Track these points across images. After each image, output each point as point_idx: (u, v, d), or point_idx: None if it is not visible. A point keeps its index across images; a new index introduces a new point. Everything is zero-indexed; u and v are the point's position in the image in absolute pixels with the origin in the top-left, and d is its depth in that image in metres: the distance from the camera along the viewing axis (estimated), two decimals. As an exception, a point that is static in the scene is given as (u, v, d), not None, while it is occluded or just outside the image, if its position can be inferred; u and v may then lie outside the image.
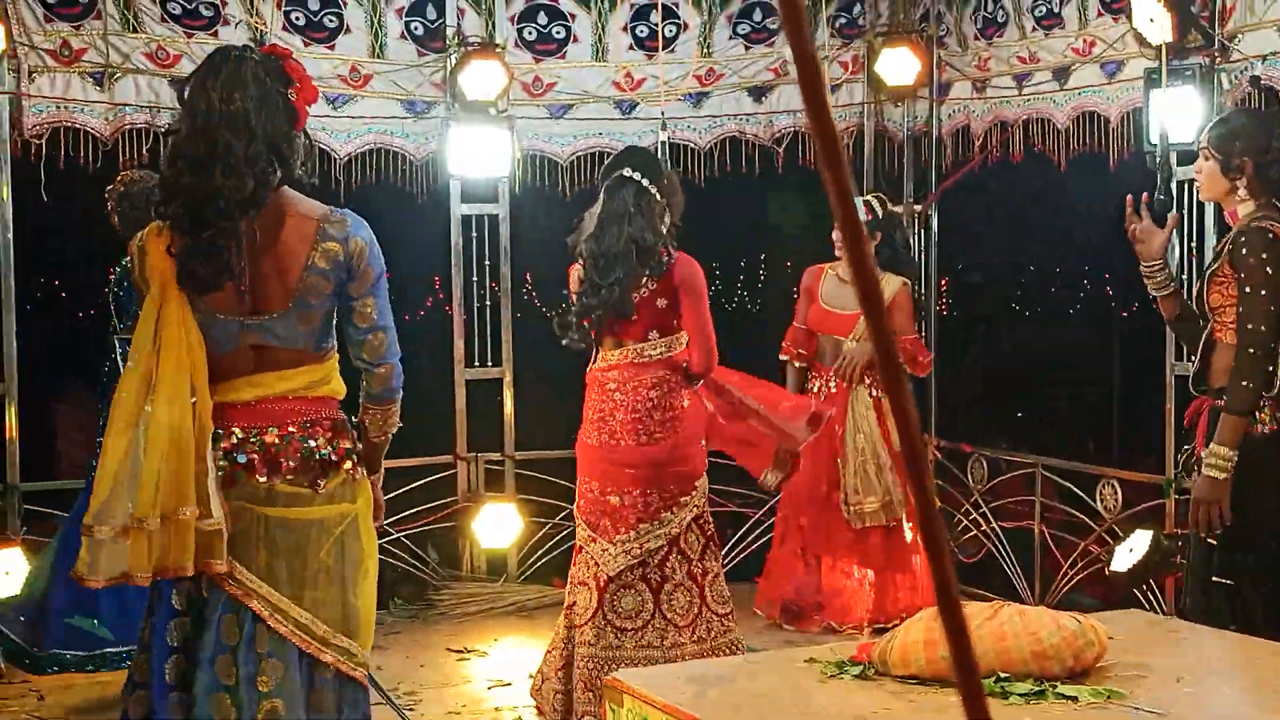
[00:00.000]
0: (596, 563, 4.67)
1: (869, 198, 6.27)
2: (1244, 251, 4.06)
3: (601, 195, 4.80)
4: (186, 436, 3.12)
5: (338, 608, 3.26)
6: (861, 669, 3.18)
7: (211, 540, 3.12)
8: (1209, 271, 4.24)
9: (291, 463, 3.21)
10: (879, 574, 6.06)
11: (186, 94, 3.21)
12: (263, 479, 3.19)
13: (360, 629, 3.31)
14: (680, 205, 4.83)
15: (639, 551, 4.64)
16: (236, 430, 3.21)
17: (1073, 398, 9.27)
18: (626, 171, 4.74)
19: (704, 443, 4.84)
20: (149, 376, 3.14)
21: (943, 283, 7.59)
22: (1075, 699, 2.92)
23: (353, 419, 3.37)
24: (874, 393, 6.04)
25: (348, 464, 3.28)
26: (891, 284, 6.10)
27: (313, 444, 3.22)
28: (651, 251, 4.65)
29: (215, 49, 3.34)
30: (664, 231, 4.72)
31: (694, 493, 4.72)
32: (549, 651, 4.82)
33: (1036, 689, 2.97)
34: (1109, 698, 2.93)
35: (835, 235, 6.01)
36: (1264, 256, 4.04)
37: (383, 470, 3.48)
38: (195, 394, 3.14)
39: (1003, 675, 3.02)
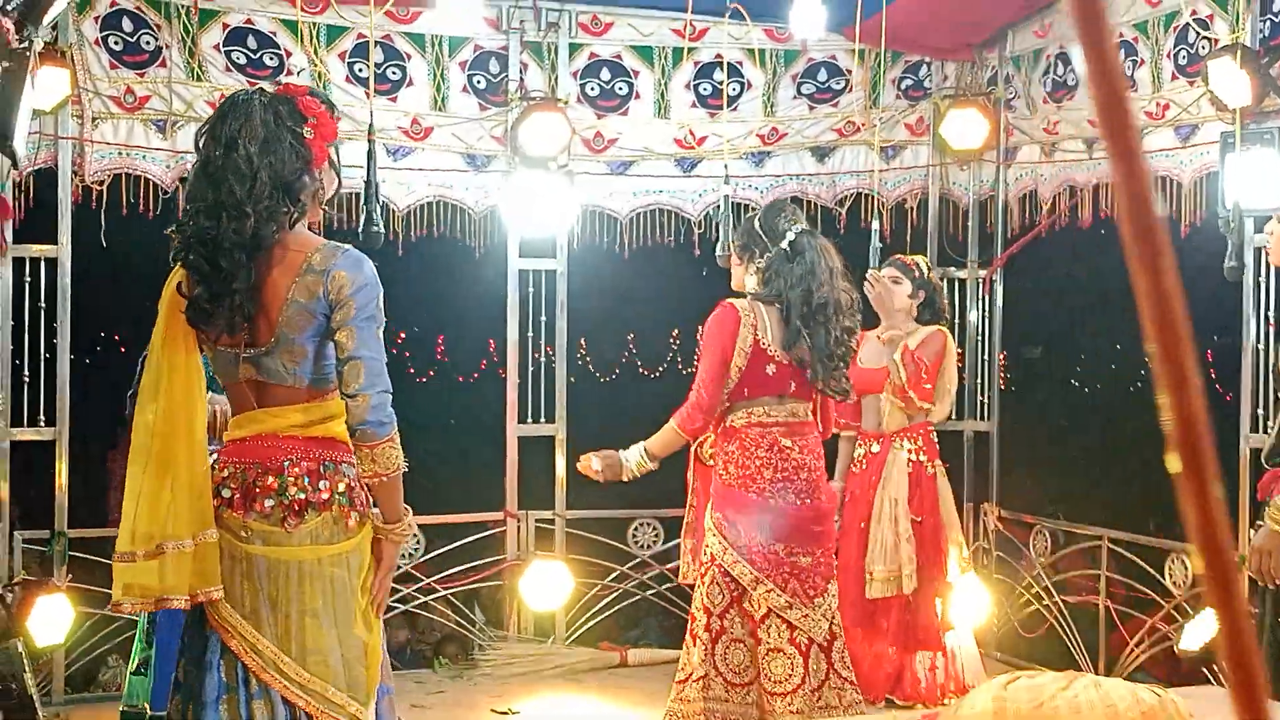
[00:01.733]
0: (795, 627, 4.56)
1: (915, 257, 6.13)
2: None
3: (790, 246, 4.69)
4: (201, 457, 3.18)
5: (331, 657, 3.17)
6: (926, 740, 3.03)
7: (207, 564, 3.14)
8: (1289, 338, 4.09)
9: (268, 501, 3.17)
10: (898, 650, 5.82)
11: (198, 140, 3.26)
12: (239, 514, 3.18)
13: (357, 684, 3.20)
14: None
15: (833, 612, 4.67)
16: (229, 465, 3.22)
17: (1137, 474, 9.05)
18: (804, 225, 4.76)
19: None
20: (162, 403, 3.18)
21: (1001, 356, 7.41)
22: (1154, 778, 2.75)
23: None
24: (912, 455, 5.84)
25: (336, 506, 3.20)
26: (921, 334, 5.90)
27: (290, 481, 3.17)
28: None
29: (228, 97, 3.33)
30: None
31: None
32: None
33: (1112, 766, 2.80)
34: (1189, 778, 2.76)
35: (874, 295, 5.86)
36: None
37: (407, 524, 3.32)
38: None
39: (1076, 750, 2.85)
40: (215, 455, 3.30)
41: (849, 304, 4.71)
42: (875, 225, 6.28)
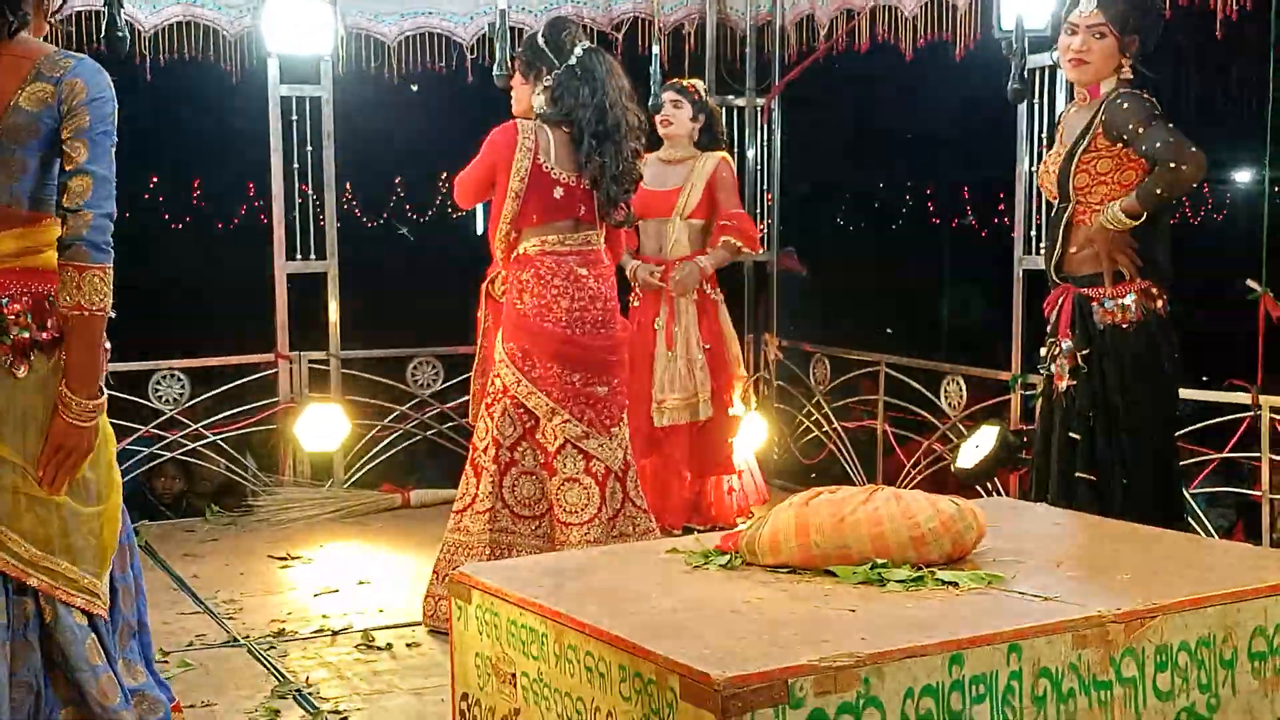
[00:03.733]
0: (591, 457, 4.45)
1: (692, 81, 6.03)
2: (1125, 107, 3.94)
3: (578, 64, 4.46)
4: None
5: (51, 524, 2.89)
6: (728, 559, 2.97)
7: None
8: (1076, 151, 4.09)
9: None
10: (693, 476, 5.85)
11: None
12: None
13: (90, 552, 2.94)
14: None
15: (627, 442, 4.59)
16: None
17: (912, 301, 9.26)
18: (589, 43, 4.55)
19: None
20: None
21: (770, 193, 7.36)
22: (956, 585, 2.75)
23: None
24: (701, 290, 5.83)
25: (61, 349, 2.88)
26: (709, 161, 5.87)
27: (10, 320, 2.85)
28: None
29: None
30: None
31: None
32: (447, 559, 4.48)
33: (915, 575, 2.79)
34: (990, 583, 2.77)
35: (661, 116, 5.79)
36: (1154, 113, 3.91)
37: (95, 407, 2.89)
38: None
39: (879, 562, 2.83)
40: None
41: (637, 125, 4.56)
42: (655, 51, 6.09)
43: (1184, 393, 4.30)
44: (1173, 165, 3.85)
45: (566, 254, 4.46)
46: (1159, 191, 3.89)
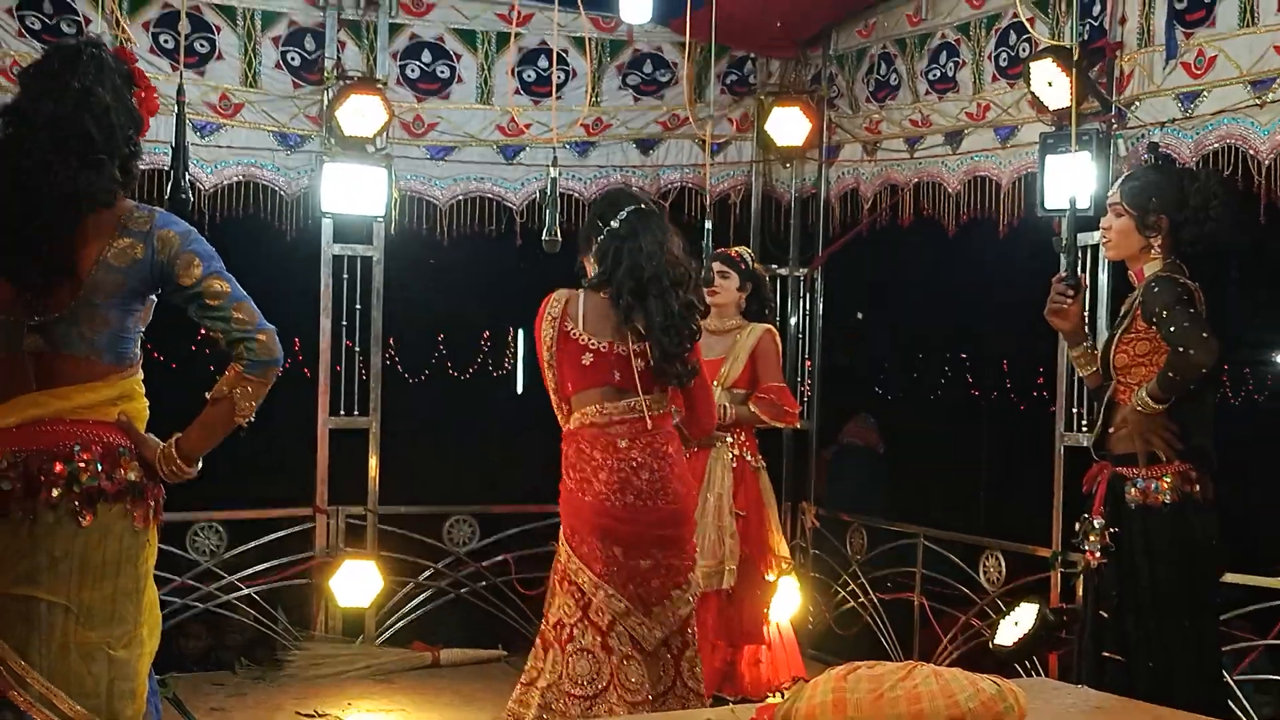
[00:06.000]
0: (636, 634, 4.31)
1: (739, 249, 6.07)
2: (1156, 291, 3.98)
3: (620, 225, 4.35)
4: None
5: (101, 678, 2.90)
6: (764, 732, 2.92)
7: None
8: (1117, 332, 4.13)
9: (54, 490, 2.89)
10: (722, 645, 5.76)
11: (30, 80, 2.98)
12: (21, 506, 2.88)
13: (129, 702, 2.95)
14: None
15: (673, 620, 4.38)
16: (4, 455, 2.91)
17: (951, 473, 9.22)
18: (643, 205, 4.41)
19: None
20: None
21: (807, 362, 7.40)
22: (996, 767, 2.69)
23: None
24: (736, 451, 5.78)
25: (129, 499, 2.95)
26: (754, 332, 5.86)
27: (81, 467, 2.91)
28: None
29: (62, 43, 3.08)
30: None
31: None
32: None
33: (954, 756, 2.74)
34: (1030, 767, 2.71)
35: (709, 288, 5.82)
36: (1181, 298, 3.95)
37: (198, 465, 3.06)
38: None
39: (918, 741, 2.78)
40: None
41: (686, 276, 4.37)
42: (708, 225, 6.14)
43: (1230, 576, 4.26)
44: (1181, 350, 3.89)
45: (606, 425, 4.30)
46: (1171, 375, 3.93)
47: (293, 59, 6.35)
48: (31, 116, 2.93)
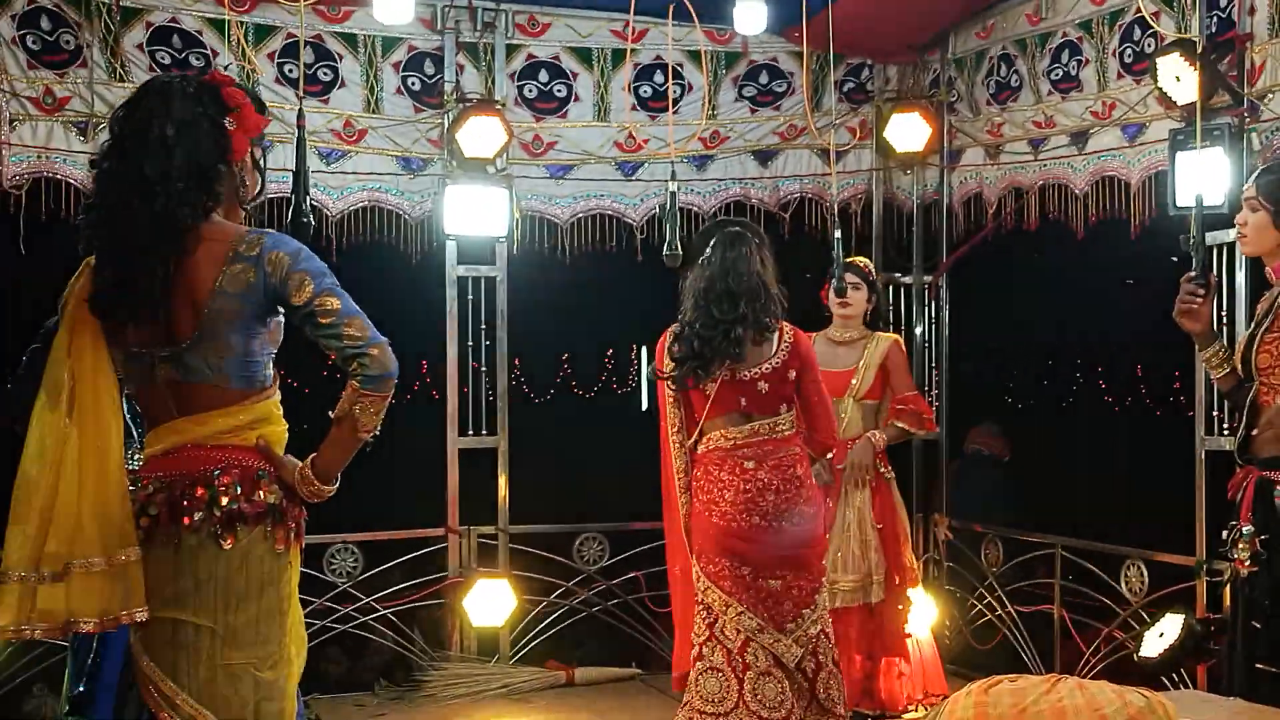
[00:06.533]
0: (773, 652, 4.37)
1: (865, 260, 6.01)
2: None
3: (704, 259, 4.55)
4: (116, 470, 2.96)
5: (247, 700, 2.95)
6: (905, 748, 2.87)
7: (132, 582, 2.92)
8: (1259, 331, 3.99)
9: (197, 514, 2.95)
10: (864, 659, 5.69)
11: (113, 124, 3.07)
12: (166, 530, 2.97)
13: None
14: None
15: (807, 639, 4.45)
16: (152, 481, 3.01)
17: (1085, 482, 8.99)
18: (737, 229, 4.59)
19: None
20: (66, 408, 2.95)
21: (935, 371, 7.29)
22: (1147, 782, 2.61)
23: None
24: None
25: (270, 522, 3.00)
26: (882, 342, 5.82)
27: (221, 491, 2.96)
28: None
29: (145, 82, 3.17)
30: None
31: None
32: None
33: (1103, 771, 2.66)
34: (1183, 782, 2.63)
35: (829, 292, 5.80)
36: None
37: (336, 482, 3.10)
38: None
39: (1064, 755, 2.70)
40: (135, 473, 3.08)
41: (756, 289, 4.50)
42: (837, 235, 6.08)
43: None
44: None
45: (731, 448, 4.44)
46: None
47: (413, 83, 6.44)
48: (103, 159, 3.02)
